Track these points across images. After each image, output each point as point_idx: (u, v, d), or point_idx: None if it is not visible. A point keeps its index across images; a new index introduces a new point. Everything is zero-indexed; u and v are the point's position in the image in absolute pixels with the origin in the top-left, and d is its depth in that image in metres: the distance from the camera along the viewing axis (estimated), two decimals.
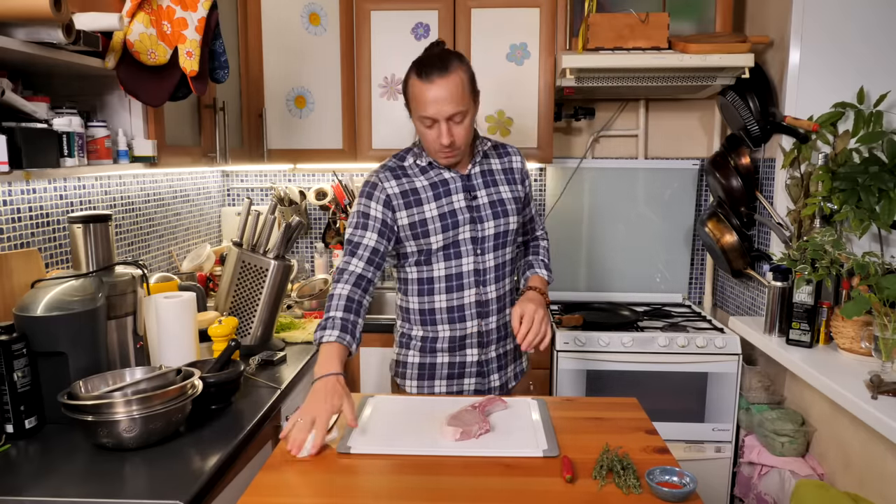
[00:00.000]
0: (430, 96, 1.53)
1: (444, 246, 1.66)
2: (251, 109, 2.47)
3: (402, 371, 1.76)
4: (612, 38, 2.34)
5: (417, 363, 1.73)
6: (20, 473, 1.22)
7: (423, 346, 1.73)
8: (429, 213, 1.64)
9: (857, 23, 2.14)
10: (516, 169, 1.77)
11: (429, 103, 1.54)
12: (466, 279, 1.68)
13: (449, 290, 1.69)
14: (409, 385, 1.75)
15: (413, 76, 1.57)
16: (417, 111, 1.58)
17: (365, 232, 1.62)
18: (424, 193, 1.66)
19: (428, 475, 1.23)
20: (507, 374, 1.80)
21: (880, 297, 1.75)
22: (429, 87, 1.53)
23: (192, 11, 1.60)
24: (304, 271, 2.99)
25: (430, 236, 1.64)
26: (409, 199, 1.65)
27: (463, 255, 1.67)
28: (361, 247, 1.61)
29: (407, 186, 1.66)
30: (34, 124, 1.37)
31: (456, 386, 1.75)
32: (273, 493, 1.18)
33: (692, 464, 2.41)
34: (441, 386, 1.74)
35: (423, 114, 1.56)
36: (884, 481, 1.69)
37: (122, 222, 2.18)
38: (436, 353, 1.72)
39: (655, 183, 2.90)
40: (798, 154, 2.18)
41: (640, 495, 1.16)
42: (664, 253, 2.94)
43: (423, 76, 1.55)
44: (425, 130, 1.59)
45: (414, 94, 1.57)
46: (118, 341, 1.57)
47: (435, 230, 1.64)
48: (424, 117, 1.56)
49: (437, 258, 1.67)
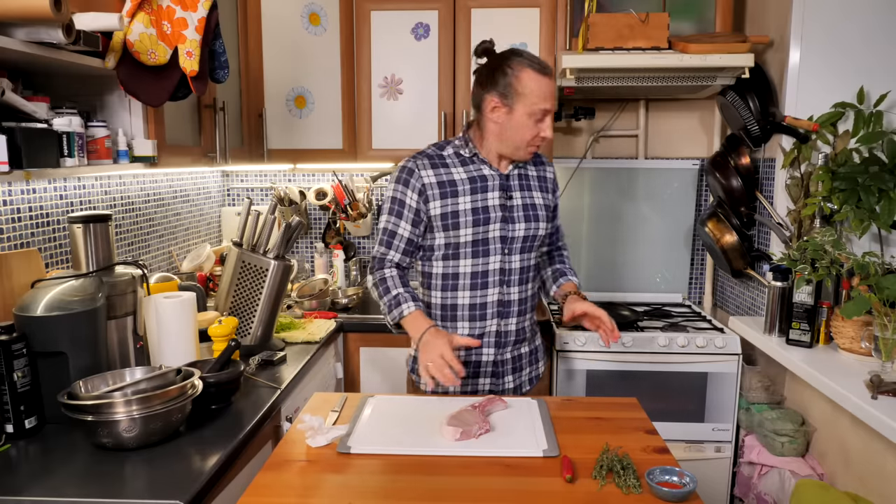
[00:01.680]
0: (549, 90, 1.59)
1: (473, 241, 1.67)
2: (251, 109, 2.47)
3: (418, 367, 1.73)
4: (612, 38, 2.34)
5: None
6: (20, 473, 1.22)
7: None
8: (462, 206, 1.66)
9: (857, 23, 2.14)
10: (549, 179, 1.82)
11: (548, 96, 1.59)
12: (491, 277, 1.70)
13: (473, 287, 1.70)
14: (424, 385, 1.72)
15: (528, 69, 1.58)
16: (533, 104, 1.58)
17: (400, 221, 1.67)
18: (461, 186, 1.67)
19: (428, 475, 1.23)
20: (522, 377, 1.82)
21: (880, 297, 1.74)
22: (548, 82, 1.59)
23: (192, 11, 1.60)
24: (304, 271, 2.99)
25: (461, 229, 1.66)
26: (445, 189, 1.66)
27: (490, 254, 1.69)
28: (397, 237, 1.68)
29: (445, 177, 1.67)
30: (34, 124, 1.37)
31: (471, 385, 1.76)
32: (273, 493, 1.18)
33: (692, 464, 2.41)
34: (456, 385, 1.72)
35: (542, 106, 1.59)
36: (884, 481, 1.69)
37: (122, 222, 2.18)
38: None
39: (655, 183, 2.90)
40: (798, 154, 2.18)
41: (640, 495, 1.16)
42: (664, 253, 2.94)
43: (541, 70, 1.59)
44: (529, 123, 1.60)
45: (531, 88, 1.58)
46: (118, 341, 1.57)
47: (466, 223, 1.66)
48: (540, 109, 1.59)
49: (464, 254, 1.68)
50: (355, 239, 3.08)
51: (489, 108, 1.63)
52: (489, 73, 1.63)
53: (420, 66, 2.63)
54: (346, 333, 2.45)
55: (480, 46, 1.67)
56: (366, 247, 3.10)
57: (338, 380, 2.37)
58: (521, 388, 1.82)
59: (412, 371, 1.81)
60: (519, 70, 1.58)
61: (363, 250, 3.10)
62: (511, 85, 1.59)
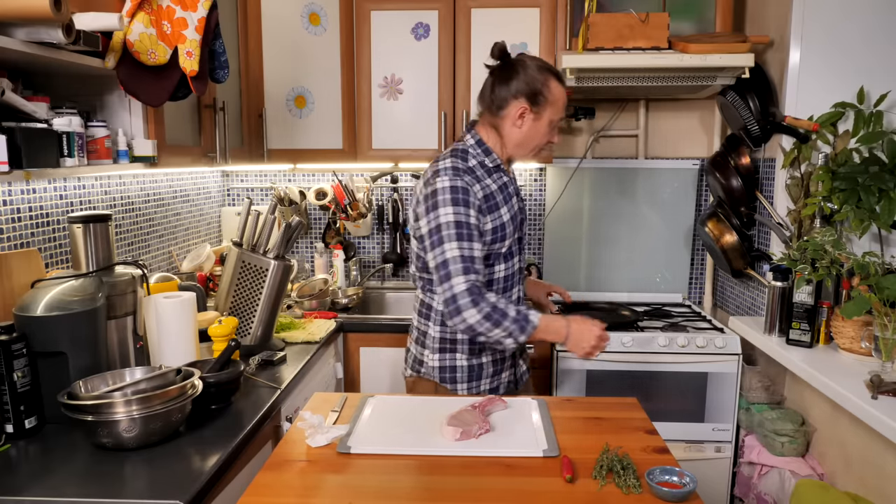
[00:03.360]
0: (565, 100, 1.70)
1: (508, 248, 1.71)
2: (251, 109, 2.47)
3: (450, 376, 1.72)
4: (612, 38, 2.34)
5: (466, 366, 1.72)
6: (20, 473, 1.22)
7: (470, 347, 1.72)
8: (505, 217, 1.67)
9: (857, 23, 2.14)
10: None
11: (565, 106, 1.70)
12: (514, 278, 1.75)
13: (503, 289, 1.73)
14: (459, 388, 1.73)
15: (555, 81, 1.66)
16: (556, 112, 1.67)
17: (473, 244, 1.58)
18: (498, 197, 1.67)
19: (428, 475, 1.23)
20: (526, 360, 1.91)
21: (880, 297, 1.74)
22: (564, 93, 1.68)
23: (192, 11, 1.60)
24: (304, 271, 2.99)
25: (506, 239, 1.68)
26: (491, 202, 1.65)
27: (514, 256, 1.74)
28: (477, 261, 1.58)
29: (487, 190, 1.66)
30: (34, 124, 1.37)
31: (497, 381, 1.78)
32: (273, 493, 1.18)
33: (692, 464, 2.41)
34: (486, 384, 1.75)
35: (562, 114, 1.70)
36: (884, 481, 1.69)
37: (122, 222, 2.18)
38: (481, 353, 1.73)
39: (655, 183, 2.90)
40: (798, 154, 2.18)
41: (639, 495, 1.16)
42: (664, 253, 2.94)
43: (562, 80, 1.68)
44: (546, 129, 1.68)
45: (556, 98, 1.66)
46: (118, 341, 1.57)
47: (509, 233, 1.68)
48: (559, 118, 1.69)
49: (499, 259, 1.70)
50: (355, 239, 3.08)
51: (516, 114, 1.64)
52: (516, 77, 1.63)
53: (420, 66, 2.63)
54: (346, 333, 2.45)
55: (497, 47, 1.65)
56: (366, 247, 3.10)
57: (338, 380, 2.37)
58: (526, 373, 1.91)
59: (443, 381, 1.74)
60: (547, 78, 1.64)
61: (363, 250, 3.10)
62: (541, 92, 1.63)
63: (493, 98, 1.66)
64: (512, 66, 1.65)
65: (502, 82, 1.65)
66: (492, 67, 1.69)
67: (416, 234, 1.68)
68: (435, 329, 1.73)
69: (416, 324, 1.79)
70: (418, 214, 1.64)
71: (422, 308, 1.76)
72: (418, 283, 1.76)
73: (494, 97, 1.66)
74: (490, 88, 1.68)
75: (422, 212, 1.61)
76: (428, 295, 1.75)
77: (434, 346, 1.73)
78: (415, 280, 1.78)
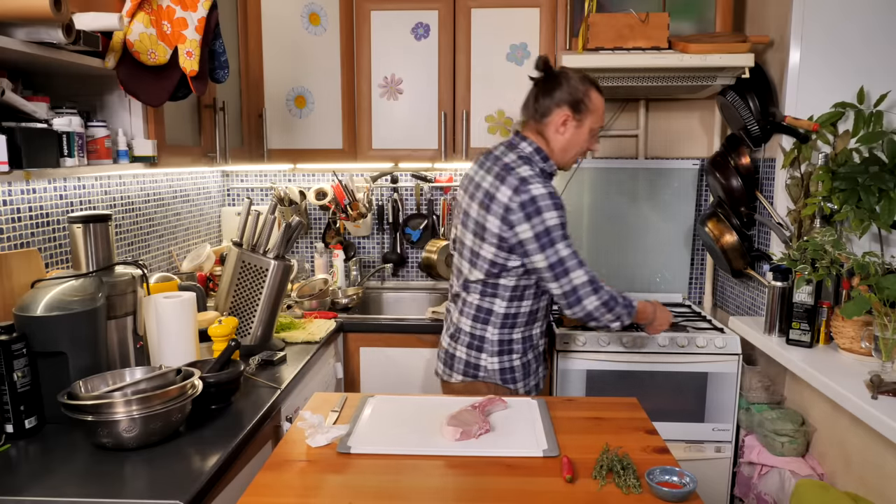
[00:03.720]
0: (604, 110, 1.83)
1: None
2: (251, 109, 2.47)
3: (510, 376, 1.83)
4: (612, 38, 2.34)
5: (520, 364, 1.84)
6: (20, 473, 1.22)
7: (523, 347, 1.84)
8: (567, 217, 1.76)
9: (857, 23, 2.14)
10: None
11: (604, 115, 1.87)
12: None
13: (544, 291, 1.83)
14: (518, 387, 1.85)
15: (595, 91, 1.79)
16: (596, 121, 1.80)
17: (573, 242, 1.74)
18: None
19: (428, 475, 1.23)
20: None
21: (880, 297, 1.74)
22: (603, 103, 1.82)
23: (192, 11, 1.60)
24: (304, 271, 2.99)
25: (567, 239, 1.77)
26: None
27: None
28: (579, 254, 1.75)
29: None
30: (34, 124, 1.37)
31: (537, 377, 1.91)
32: (273, 493, 1.18)
33: (692, 464, 2.41)
34: (532, 380, 1.89)
35: (601, 123, 1.82)
36: (884, 481, 1.69)
37: (122, 222, 2.18)
38: (527, 353, 1.86)
39: (655, 183, 2.90)
40: (798, 154, 2.18)
41: (640, 495, 1.16)
42: (664, 253, 2.94)
43: (602, 94, 1.80)
44: (587, 136, 1.81)
45: (597, 107, 1.79)
46: (118, 341, 1.57)
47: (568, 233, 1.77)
48: (599, 126, 1.82)
49: None
50: (355, 239, 3.08)
51: (560, 121, 1.76)
52: (559, 88, 1.75)
53: (420, 66, 2.63)
54: (346, 333, 2.46)
55: (541, 60, 1.78)
56: (366, 247, 3.10)
57: (338, 380, 2.37)
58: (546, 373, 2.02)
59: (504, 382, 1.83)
60: (588, 89, 1.77)
61: (363, 250, 3.10)
62: (583, 101, 1.76)
63: (538, 107, 1.78)
64: (555, 78, 1.77)
65: (546, 93, 1.77)
66: (536, 79, 1.80)
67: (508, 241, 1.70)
68: (494, 332, 1.81)
69: (469, 329, 1.84)
70: (512, 222, 1.67)
71: (478, 313, 1.81)
72: (475, 288, 1.80)
73: (538, 106, 1.78)
74: (534, 98, 1.80)
75: (518, 219, 1.67)
76: (488, 300, 1.79)
77: (493, 350, 1.82)
78: (466, 287, 1.82)
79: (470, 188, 1.82)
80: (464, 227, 1.82)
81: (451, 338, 1.89)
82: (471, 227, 1.78)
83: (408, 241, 3.06)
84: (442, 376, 1.92)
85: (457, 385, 1.87)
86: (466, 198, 1.83)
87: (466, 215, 1.81)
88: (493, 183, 1.72)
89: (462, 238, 1.83)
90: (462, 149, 2.65)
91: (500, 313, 1.80)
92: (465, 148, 2.65)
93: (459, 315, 1.87)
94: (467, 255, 1.81)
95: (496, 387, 1.84)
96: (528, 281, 1.79)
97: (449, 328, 1.92)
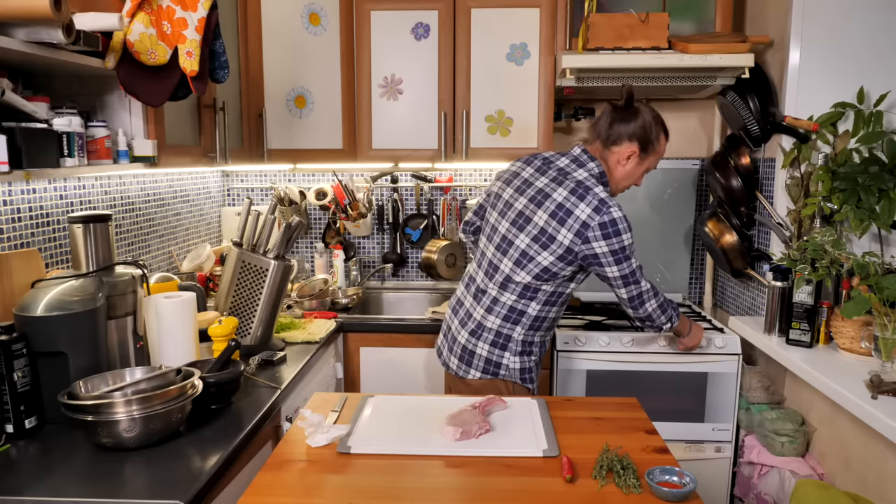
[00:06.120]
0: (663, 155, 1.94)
1: None
2: (251, 109, 2.47)
3: (528, 376, 1.90)
4: (612, 38, 2.34)
5: (534, 365, 1.91)
6: (20, 473, 1.22)
7: (540, 349, 1.92)
8: None
9: (857, 23, 2.14)
10: None
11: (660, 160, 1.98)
12: None
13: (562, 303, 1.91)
14: (533, 387, 1.93)
15: (664, 137, 1.87)
16: (654, 163, 1.89)
17: None
18: None
19: (428, 475, 1.23)
20: None
21: (880, 297, 1.75)
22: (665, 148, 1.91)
23: (192, 11, 1.60)
24: (304, 271, 2.99)
25: None
26: None
27: None
28: None
29: None
30: (34, 124, 1.37)
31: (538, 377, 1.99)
32: (273, 493, 1.18)
33: (692, 464, 2.41)
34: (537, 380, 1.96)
35: (655, 167, 1.92)
36: (884, 481, 1.69)
37: (122, 222, 2.18)
38: (541, 353, 1.94)
39: (655, 183, 2.90)
40: (798, 154, 2.18)
41: (640, 495, 1.16)
42: (664, 253, 2.94)
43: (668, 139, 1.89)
44: (640, 174, 1.90)
45: (659, 152, 1.88)
46: (118, 341, 1.57)
47: None
48: (653, 168, 1.92)
49: None
50: (355, 239, 3.08)
51: (625, 154, 1.83)
52: (634, 121, 1.82)
53: (420, 66, 2.63)
54: (346, 333, 2.46)
55: (626, 89, 1.83)
56: (366, 247, 3.10)
57: (338, 380, 2.37)
58: None
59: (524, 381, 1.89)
60: (660, 132, 1.85)
61: (363, 250, 3.10)
62: (652, 143, 1.84)
63: (610, 133, 1.83)
64: (635, 111, 1.83)
65: (623, 121, 1.82)
66: (614, 104, 1.85)
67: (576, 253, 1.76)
68: (520, 332, 1.85)
69: (496, 327, 1.85)
70: (588, 238, 1.74)
71: (510, 313, 1.84)
72: (514, 289, 1.83)
73: (611, 133, 1.83)
74: (608, 124, 1.84)
75: (596, 236, 1.74)
76: (524, 302, 1.83)
77: (516, 350, 1.86)
78: (504, 286, 1.84)
79: (523, 188, 1.85)
80: (513, 225, 1.82)
81: (471, 334, 1.88)
82: (529, 231, 1.78)
83: (408, 241, 3.06)
84: (457, 372, 1.91)
85: (475, 382, 1.87)
86: (517, 195, 1.85)
87: (521, 215, 1.81)
88: (567, 197, 1.76)
89: (509, 236, 1.83)
90: (462, 149, 2.65)
91: (532, 315, 1.84)
92: (465, 148, 2.65)
93: (486, 312, 1.86)
94: (514, 254, 1.81)
95: (515, 385, 1.87)
96: (564, 289, 1.84)
97: (467, 324, 1.90)
